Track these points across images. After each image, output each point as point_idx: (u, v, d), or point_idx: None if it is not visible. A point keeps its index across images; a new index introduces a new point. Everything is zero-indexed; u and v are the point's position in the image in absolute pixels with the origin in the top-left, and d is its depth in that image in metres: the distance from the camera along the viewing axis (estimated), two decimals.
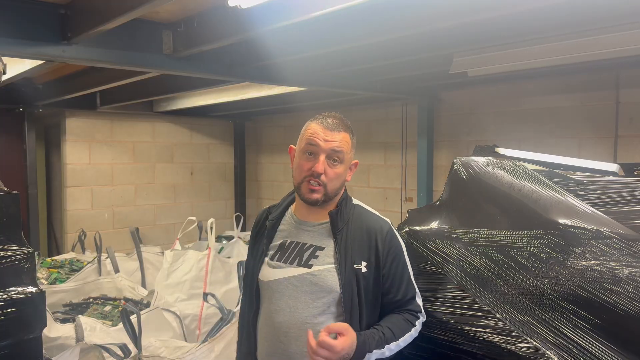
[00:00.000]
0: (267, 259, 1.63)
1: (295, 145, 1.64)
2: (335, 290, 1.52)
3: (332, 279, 1.52)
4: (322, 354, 1.37)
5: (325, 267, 1.54)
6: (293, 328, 1.54)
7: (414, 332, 1.57)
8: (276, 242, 1.65)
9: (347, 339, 1.41)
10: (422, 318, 1.61)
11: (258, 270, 1.64)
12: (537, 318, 1.51)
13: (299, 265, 1.57)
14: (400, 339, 1.53)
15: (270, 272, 1.60)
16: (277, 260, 1.61)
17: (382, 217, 1.63)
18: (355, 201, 1.66)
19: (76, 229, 5.30)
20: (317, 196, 1.55)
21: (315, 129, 1.56)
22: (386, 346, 1.49)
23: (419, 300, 1.61)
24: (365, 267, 1.52)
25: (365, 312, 1.53)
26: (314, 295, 1.53)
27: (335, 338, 1.40)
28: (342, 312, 1.52)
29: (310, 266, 1.55)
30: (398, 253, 1.57)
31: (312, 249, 1.58)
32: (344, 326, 1.43)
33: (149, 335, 2.81)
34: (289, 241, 1.62)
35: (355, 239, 1.55)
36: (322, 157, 1.53)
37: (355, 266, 1.52)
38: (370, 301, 1.54)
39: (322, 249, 1.57)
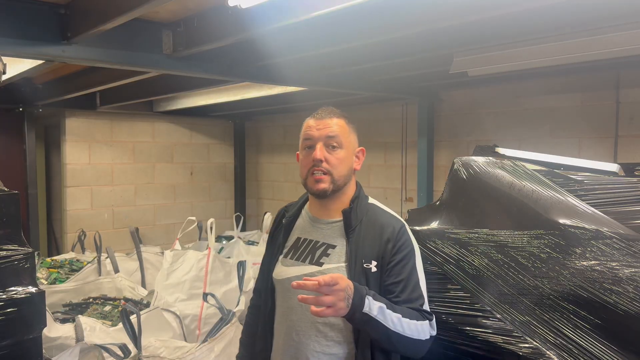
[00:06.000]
0: (281, 257, 1.64)
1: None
2: None
3: None
4: (325, 291, 1.30)
5: (336, 266, 1.52)
6: (305, 326, 1.53)
7: (422, 328, 1.45)
8: (291, 239, 1.65)
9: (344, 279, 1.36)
10: (433, 331, 1.50)
11: (273, 268, 1.64)
12: (537, 318, 1.51)
13: (310, 263, 1.56)
14: (405, 320, 1.41)
15: (284, 270, 1.60)
16: (290, 258, 1.61)
17: (397, 216, 1.60)
18: (371, 200, 1.64)
19: (76, 229, 5.30)
20: (324, 185, 1.53)
21: (308, 123, 1.60)
22: (387, 311, 1.39)
23: (431, 316, 1.50)
24: (375, 266, 1.49)
25: None
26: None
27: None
28: None
29: (321, 264, 1.54)
30: (408, 253, 1.51)
31: (324, 247, 1.56)
32: (337, 275, 1.36)
33: (149, 335, 2.81)
34: (302, 239, 1.62)
35: (367, 237, 1.52)
36: (319, 145, 1.54)
37: (365, 265, 1.49)
38: None
39: (333, 247, 1.55)
